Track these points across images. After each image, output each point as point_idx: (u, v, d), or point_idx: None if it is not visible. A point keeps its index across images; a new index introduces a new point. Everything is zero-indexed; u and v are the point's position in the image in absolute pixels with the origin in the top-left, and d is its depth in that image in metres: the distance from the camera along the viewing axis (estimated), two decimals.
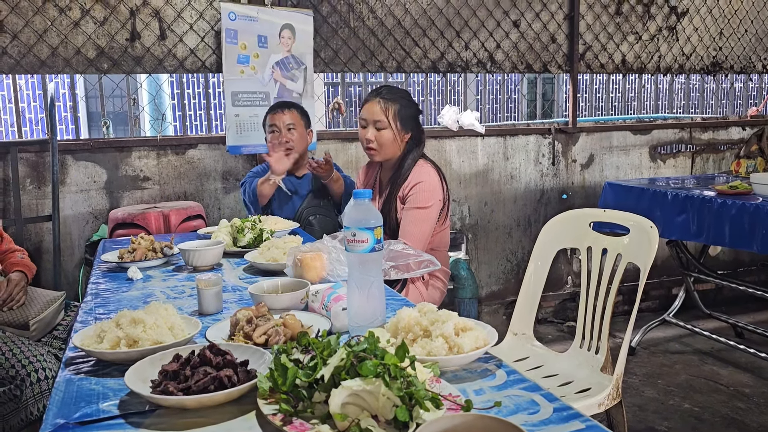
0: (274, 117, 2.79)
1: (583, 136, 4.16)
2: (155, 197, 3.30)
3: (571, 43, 3.99)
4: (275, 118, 2.79)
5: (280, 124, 2.77)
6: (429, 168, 2.31)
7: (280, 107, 2.82)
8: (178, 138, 3.37)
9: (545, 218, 3.99)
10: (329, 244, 1.76)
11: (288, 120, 2.78)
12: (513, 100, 10.64)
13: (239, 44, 3.21)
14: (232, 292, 1.71)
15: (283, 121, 2.78)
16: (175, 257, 2.13)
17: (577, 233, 2.04)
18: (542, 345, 2.04)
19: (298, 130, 2.80)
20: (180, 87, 3.61)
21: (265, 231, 2.21)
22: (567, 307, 4.21)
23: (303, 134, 2.83)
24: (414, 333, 1.18)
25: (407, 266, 1.85)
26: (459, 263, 3.70)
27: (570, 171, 4.15)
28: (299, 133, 2.80)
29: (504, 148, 3.98)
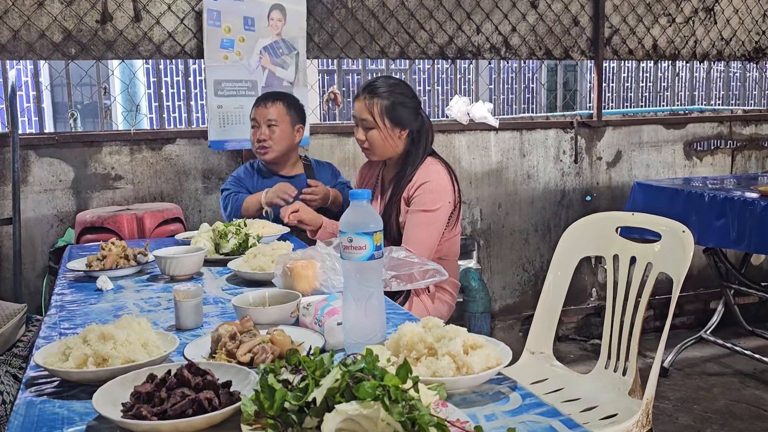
0: (257, 110, 2.82)
1: (609, 131, 4.16)
2: (128, 198, 3.30)
3: (595, 26, 3.99)
4: (257, 111, 2.81)
5: (260, 119, 2.79)
6: (438, 166, 2.31)
7: (264, 99, 2.84)
8: (154, 132, 3.38)
9: (566, 222, 3.99)
10: (323, 251, 1.76)
11: (270, 115, 2.79)
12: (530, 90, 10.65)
13: (223, 27, 3.22)
14: (214, 304, 1.71)
15: (264, 116, 2.79)
16: (150, 265, 2.13)
17: (602, 239, 2.04)
18: (563, 365, 2.04)
19: (281, 126, 2.80)
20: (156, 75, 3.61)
21: (251, 236, 2.21)
22: (591, 322, 4.20)
23: (287, 131, 2.83)
24: (418, 351, 1.18)
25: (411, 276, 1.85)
26: (469, 273, 3.70)
27: (594, 169, 4.15)
28: (282, 130, 2.81)
29: (520, 143, 3.99)
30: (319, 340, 1.32)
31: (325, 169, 3.00)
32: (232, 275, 2.00)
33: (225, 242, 2.19)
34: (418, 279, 1.86)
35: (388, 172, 2.46)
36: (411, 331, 1.20)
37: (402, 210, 2.32)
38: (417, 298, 2.31)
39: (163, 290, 1.87)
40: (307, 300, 1.49)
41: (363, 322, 1.27)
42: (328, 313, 1.37)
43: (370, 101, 2.29)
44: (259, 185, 2.87)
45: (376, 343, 1.26)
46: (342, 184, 2.96)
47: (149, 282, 1.97)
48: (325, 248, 1.77)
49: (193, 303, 1.51)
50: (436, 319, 1.25)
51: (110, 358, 1.20)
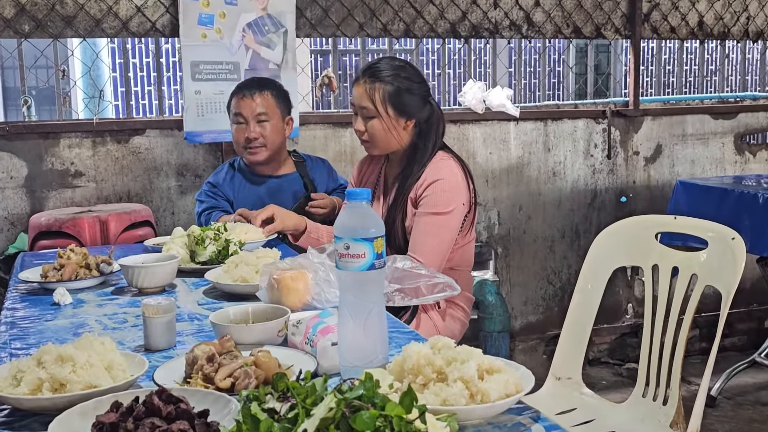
0: (242, 103, 2.77)
1: (647, 121, 4.16)
2: (90, 198, 3.31)
3: (632, 0, 4.00)
4: (243, 104, 2.77)
5: (248, 113, 2.76)
6: (450, 162, 2.31)
7: (248, 89, 2.80)
8: (121, 121, 3.38)
9: (598, 227, 3.98)
10: (315, 260, 1.76)
11: (259, 107, 2.76)
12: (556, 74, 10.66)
13: (201, 0, 3.23)
14: (189, 321, 1.71)
15: (253, 110, 2.75)
16: (115, 276, 2.13)
17: (639, 247, 2.04)
18: (594, 393, 2.04)
19: (272, 121, 2.78)
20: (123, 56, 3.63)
21: (232, 242, 2.21)
22: (626, 343, 4.20)
23: (278, 126, 2.81)
24: (425, 375, 1.18)
25: (417, 290, 1.85)
26: (485, 286, 3.70)
27: (630, 166, 4.15)
28: (273, 125, 2.79)
29: (544, 135, 3.99)
30: (310, 363, 1.32)
31: (319, 167, 2.98)
32: (209, 288, 2.00)
33: (202, 249, 2.19)
34: (426, 293, 1.86)
35: (391, 169, 2.46)
36: (417, 352, 1.20)
37: (408, 213, 2.32)
38: (425, 315, 2.31)
39: (130, 305, 1.87)
40: (297, 317, 1.49)
41: (362, 342, 1.27)
42: (322, 332, 1.37)
43: (371, 86, 2.29)
44: (243, 192, 2.84)
45: (376, 367, 1.26)
46: (342, 187, 2.94)
47: (114, 295, 1.97)
48: (317, 256, 1.77)
49: (164, 320, 1.51)
50: (446, 339, 1.25)
51: (69, 383, 1.20)
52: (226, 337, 1.33)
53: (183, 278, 2.12)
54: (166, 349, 1.51)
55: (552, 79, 10.65)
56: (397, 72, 2.30)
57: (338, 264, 1.28)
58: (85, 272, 2.05)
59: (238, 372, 1.24)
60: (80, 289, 2.01)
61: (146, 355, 1.46)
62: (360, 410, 0.90)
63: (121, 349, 1.43)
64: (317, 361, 1.33)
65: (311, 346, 1.37)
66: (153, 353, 1.49)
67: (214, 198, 2.83)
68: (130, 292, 1.99)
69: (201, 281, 2.08)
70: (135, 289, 1.98)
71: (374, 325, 1.27)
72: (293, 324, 1.45)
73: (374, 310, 1.27)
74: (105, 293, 1.99)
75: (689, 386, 3.53)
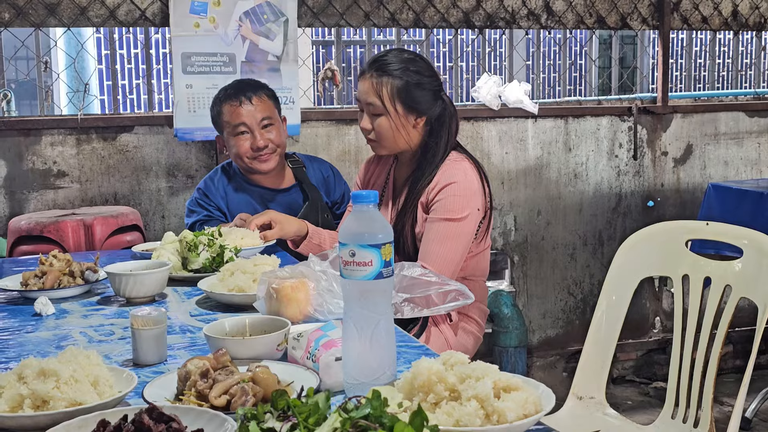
0: (240, 111, 2.69)
1: (677, 119, 4.16)
2: (74, 200, 3.32)
3: None
4: (241, 113, 2.69)
5: (251, 121, 2.68)
6: (464, 164, 2.31)
7: (243, 93, 2.71)
8: (107, 117, 3.39)
9: (623, 234, 3.98)
10: (317, 268, 1.76)
11: (261, 112, 2.70)
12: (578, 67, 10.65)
13: None
14: (181, 334, 1.71)
15: (255, 117, 2.69)
16: (101, 284, 2.13)
17: (668, 256, 2.03)
18: (618, 413, 2.04)
19: (276, 124, 2.74)
20: (110, 47, 3.64)
21: (227, 249, 2.21)
22: (654, 360, 4.19)
23: (282, 128, 2.79)
24: (437, 394, 1.18)
25: (428, 300, 1.85)
26: (501, 297, 3.69)
27: (659, 167, 4.15)
28: (278, 128, 2.74)
29: (565, 134, 3.99)
30: (312, 380, 1.32)
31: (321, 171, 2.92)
32: (203, 298, 2.00)
33: (194, 256, 2.19)
34: (438, 303, 1.86)
35: (401, 171, 2.46)
36: (428, 369, 1.20)
37: (419, 218, 2.32)
38: (436, 328, 2.31)
39: (117, 316, 1.87)
40: (298, 329, 1.49)
41: (368, 357, 1.27)
42: (324, 346, 1.37)
43: (378, 81, 2.29)
44: (236, 201, 2.79)
45: (384, 384, 1.26)
46: (336, 203, 2.90)
47: (100, 305, 1.97)
48: (320, 264, 1.78)
49: (154, 332, 1.51)
50: (459, 354, 1.24)
51: (52, 400, 1.20)
52: (222, 351, 1.33)
53: (174, 287, 2.12)
54: (157, 364, 1.51)
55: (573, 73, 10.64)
56: (407, 65, 2.30)
57: (343, 272, 1.28)
58: (69, 280, 2.05)
59: (235, 389, 1.24)
60: (63, 299, 2.01)
61: (135, 370, 1.46)
62: (367, 430, 0.90)
63: (108, 363, 1.43)
64: (320, 378, 1.33)
65: (313, 361, 1.37)
66: (142, 368, 1.49)
67: (207, 208, 2.80)
68: (117, 302, 1.99)
69: (194, 291, 2.08)
70: (122, 299, 1.98)
71: (381, 339, 1.27)
72: (294, 337, 1.45)
73: (381, 323, 1.27)
74: (90, 303, 1.99)
75: (722, 407, 3.52)
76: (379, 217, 1.28)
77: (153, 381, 1.34)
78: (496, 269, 3.92)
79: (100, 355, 1.33)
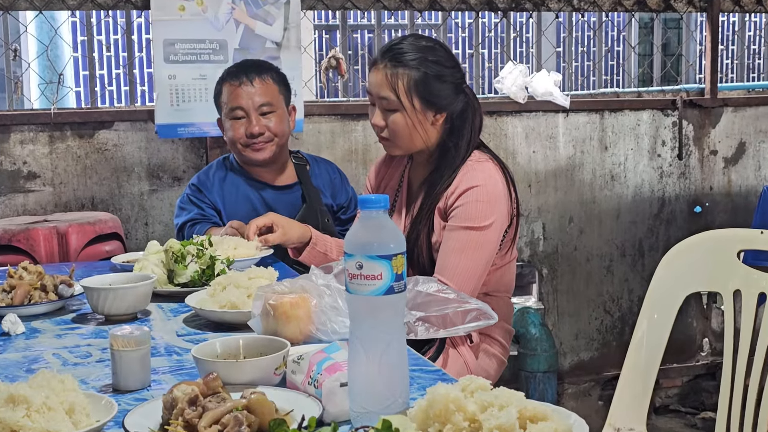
0: (239, 93, 2.73)
1: (728, 113, 4.15)
2: (46, 205, 3.33)
3: None
4: (240, 94, 2.73)
5: (248, 105, 2.72)
6: (488, 165, 2.31)
7: (246, 74, 2.76)
8: (84, 112, 3.41)
9: (667, 244, 3.97)
10: (320, 282, 1.76)
11: (261, 96, 2.73)
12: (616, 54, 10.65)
13: None
14: (167, 356, 1.71)
15: (254, 100, 2.72)
16: (77, 300, 2.13)
17: (717, 268, 2.02)
18: None
19: (279, 112, 2.77)
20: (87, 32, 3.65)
21: (218, 260, 2.22)
22: (701, 387, 4.17)
23: (285, 117, 2.80)
24: (455, 424, 1.17)
25: (444, 319, 1.85)
26: (528, 315, 3.68)
27: (707, 168, 4.13)
28: (280, 116, 2.77)
29: (600, 130, 3.98)
30: (314, 408, 1.31)
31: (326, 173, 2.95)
32: (191, 315, 2.00)
33: (182, 268, 2.19)
34: (456, 323, 1.85)
35: (416, 173, 2.46)
36: (445, 396, 1.20)
37: (436, 226, 2.32)
38: (454, 351, 2.30)
39: (94, 335, 1.87)
40: (298, 351, 1.49)
41: (377, 383, 1.27)
42: (328, 370, 1.36)
43: (392, 72, 2.28)
44: (233, 198, 2.81)
45: (395, 413, 1.25)
46: (342, 207, 2.92)
47: (76, 324, 1.97)
48: (323, 277, 1.77)
49: (136, 354, 1.51)
50: (480, 379, 1.24)
51: (22, 430, 1.20)
52: (212, 375, 1.33)
53: (159, 303, 2.12)
54: (139, 390, 1.51)
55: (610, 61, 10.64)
56: (425, 54, 2.30)
57: (349, 287, 1.27)
58: (41, 295, 2.05)
59: (227, 418, 1.23)
60: (34, 316, 2.01)
61: (115, 396, 1.45)
62: None
63: (85, 389, 1.43)
64: (322, 406, 1.32)
65: (315, 387, 1.37)
66: (123, 394, 1.48)
67: (199, 206, 2.82)
68: (95, 320, 1.99)
69: (181, 307, 2.08)
70: (101, 317, 1.98)
71: (392, 362, 1.27)
72: (293, 360, 1.45)
73: (392, 344, 1.27)
74: (65, 321, 1.99)
75: None
76: (389, 224, 1.28)
77: (135, 409, 1.34)
78: (523, 284, 3.92)
79: (76, 380, 1.33)
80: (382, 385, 1.27)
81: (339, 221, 2.93)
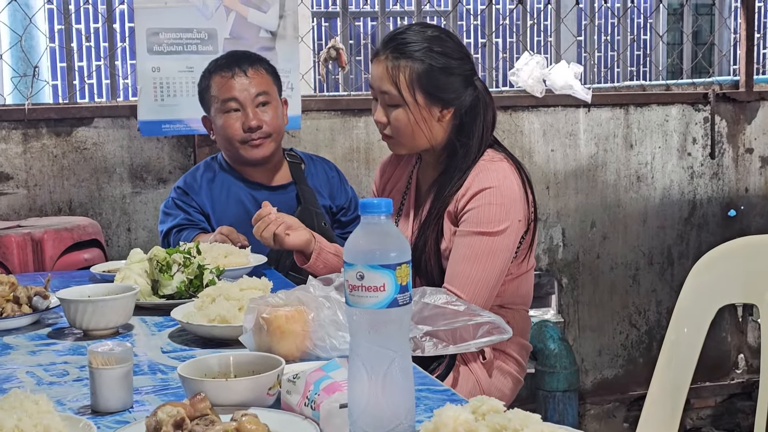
0: (232, 84, 2.76)
1: (765, 108, 4.14)
2: (19, 209, 3.33)
3: None
4: (234, 85, 2.76)
5: (244, 96, 2.74)
6: (503, 165, 2.31)
7: (238, 64, 2.80)
8: (61, 107, 3.41)
9: (698, 252, 3.97)
10: (318, 294, 1.76)
11: (257, 87, 2.76)
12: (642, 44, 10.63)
13: None
14: (151, 374, 1.72)
15: (249, 92, 2.75)
16: (53, 313, 2.14)
17: (754, 278, 2.02)
18: None
19: (274, 103, 2.82)
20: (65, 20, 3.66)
21: (207, 269, 2.22)
22: (737, 408, 4.16)
23: (280, 110, 2.85)
24: None
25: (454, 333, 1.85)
26: (546, 329, 3.68)
27: (742, 168, 4.13)
28: (275, 108, 2.82)
29: (625, 127, 3.98)
30: (312, 431, 1.32)
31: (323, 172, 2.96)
32: (177, 330, 2.00)
33: (167, 279, 2.19)
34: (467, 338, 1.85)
35: (425, 174, 2.47)
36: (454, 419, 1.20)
37: (446, 232, 2.32)
38: (465, 368, 2.30)
39: (72, 352, 1.87)
40: (294, 369, 1.50)
41: (380, 404, 1.27)
42: (326, 390, 1.37)
43: (394, 64, 2.29)
44: (223, 201, 2.82)
45: None
46: (342, 209, 2.93)
47: (51, 339, 1.97)
48: (322, 289, 1.78)
49: (117, 373, 1.51)
50: (493, 400, 1.24)
51: None
52: (200, 395, 1.33)
53: (142, 317, 2.12)
54: (120, 411, 1.51)
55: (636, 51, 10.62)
56: (431, 45, 2.30)
57: (349, 299, 1.28)
58: (14, 308, 2.05)
59: None
60: (6, 331, 2.01)
61: (93, 418, 1.46)
62: None
63: (61, 410, 1.44)
64: (320, 429, 1.33)
65: (312, 408, 1.37)
66: (103, 416, 1.49)
67: (186, 210, 2.83)
68: (72, 335, 1.99)
69: (166, 321, 2.08)
70: (79, 332, 1.98)
71: (396, 381, 1.27)
72: (289, 379, 1.45)
73: (396, 361, 1.27)
74: (39, 336, 2.00)
75: None
76: (393, 230, 1.29)
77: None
78: (540, 294, 3.91)
79: (51, 401, 1.34)
80: (386, 407, 1.27)
81: (339, 224, 2.94)
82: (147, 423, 1.30)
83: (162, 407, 1.30)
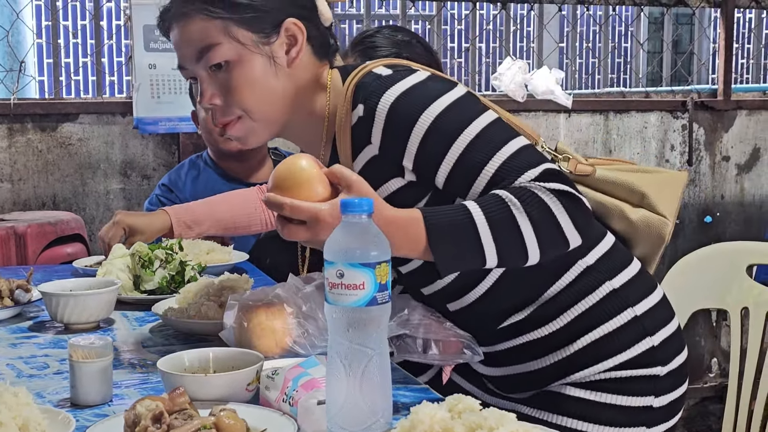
0: None
1: (741, 117, 4.16)
2: (3, 203, 3.32)
3: None
4: None
5: None
6: None
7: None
8: (47, 103, 3.40)
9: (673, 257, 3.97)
10: (298, 291, 1.76)
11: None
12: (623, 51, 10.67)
13: None
14: (130, 368, 1.71)
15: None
16: (34, 307, 2.13)
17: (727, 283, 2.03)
18: None
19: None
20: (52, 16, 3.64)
21: (189, 265, 2.22)
22: (709, 410, 4.18)
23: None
24: None
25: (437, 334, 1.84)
26: None
27: (719, 175, 4.15)
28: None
29: (605, 133, 3.99)
30: (289, 427, 1.32)
31: None
32: (158, 325, 2.00)
33: (149, 274, 2.19)
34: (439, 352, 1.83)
35: None
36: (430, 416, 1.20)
37: None
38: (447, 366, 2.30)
39: (53, 345, 1.87)
40: (273, 366, 1.49)
41: (357, 401, 1.27)
42: (305, 387, 1.37)
43: None
44: None
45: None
46: None
47: (32, 332, 1.97)
48: (301, 286, 1.77)
49: (97, 366, 1.51)
50: (469, 399, 1.24)
51: None
52: (179, 390, 1.33)
53: (124, 311, 2.12)
54: (100, 405, 1.50)
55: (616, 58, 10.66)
56: (399, 49, 2.28)
57: (328, 297, 1.28)
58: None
59: None
60: None
61: (73, 411, 1.45)
62: None
63: (41, 403, 1.43)
64: (298, 425, 1.33)
65: (290, 404, 1.37)
66: (82, 409, 1.48)
67: None
68: (53, 328, 1.99)
69: (147, 316, 2.08)
70: (60, 325, 1.98)
71: (374, 379, 1.27)
72: (267, 375, 1.45)
73: (375, 359, 1.27)
74: (20, 329, 1.99)
75: None
76: (373, 230, 1.29)
77: (95, 425, 1.34)
78: None
79: (31, 393, 1.33)
80: (363, 404, 1.27)
81: None
82: (126, 416, 1.30)
83: (141, 401, 1.30)
